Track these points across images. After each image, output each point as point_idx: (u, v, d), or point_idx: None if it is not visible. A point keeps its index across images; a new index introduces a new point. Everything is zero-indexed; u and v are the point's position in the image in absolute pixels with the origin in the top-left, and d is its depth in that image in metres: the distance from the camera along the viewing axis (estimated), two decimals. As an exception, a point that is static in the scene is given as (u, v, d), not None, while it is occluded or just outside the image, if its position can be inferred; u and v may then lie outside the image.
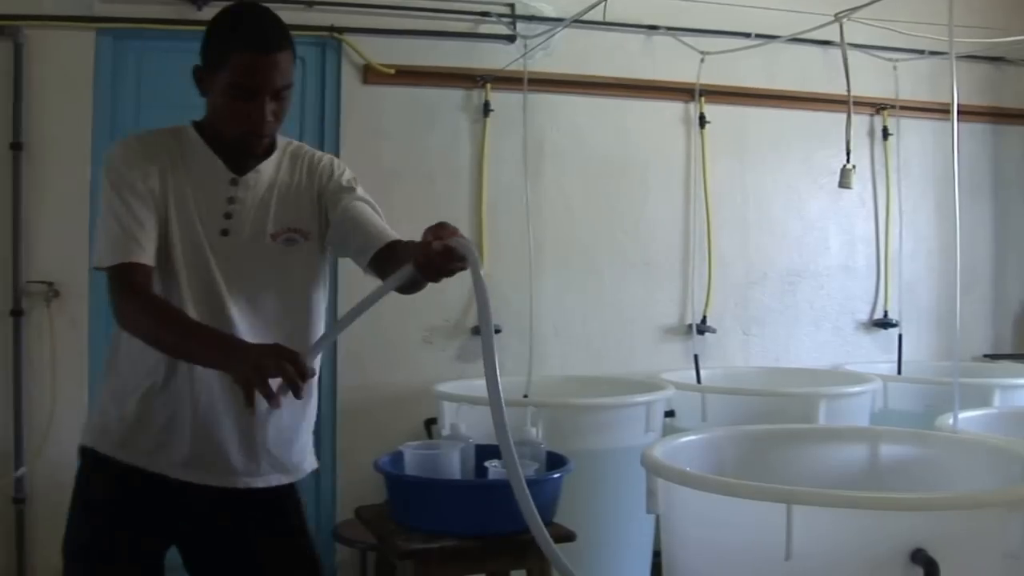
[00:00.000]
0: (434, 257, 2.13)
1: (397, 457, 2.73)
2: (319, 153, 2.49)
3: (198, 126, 2.33)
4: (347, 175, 2.46)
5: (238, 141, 2.28)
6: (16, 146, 4.44)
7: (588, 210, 5.15)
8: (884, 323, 5.53)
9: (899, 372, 5.20)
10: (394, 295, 2.30)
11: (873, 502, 2.27)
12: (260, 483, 2.32)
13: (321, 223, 2.41)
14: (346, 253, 2.47)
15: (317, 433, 4.78)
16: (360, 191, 2.45)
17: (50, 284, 4.47)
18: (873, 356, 5.48)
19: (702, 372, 5.06)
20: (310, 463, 2.49)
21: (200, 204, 2.28)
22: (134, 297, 2.16)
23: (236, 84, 2.19)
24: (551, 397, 4.27)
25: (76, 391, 4.50)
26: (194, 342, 2.13)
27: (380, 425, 4.74)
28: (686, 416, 4.45)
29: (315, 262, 2.45)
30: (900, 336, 5.39)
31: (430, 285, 2.25)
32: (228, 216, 2.29)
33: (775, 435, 3.21)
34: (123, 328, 2.20)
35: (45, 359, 4.47)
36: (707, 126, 5.25)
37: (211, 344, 2.12)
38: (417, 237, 2.18)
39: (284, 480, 2.35)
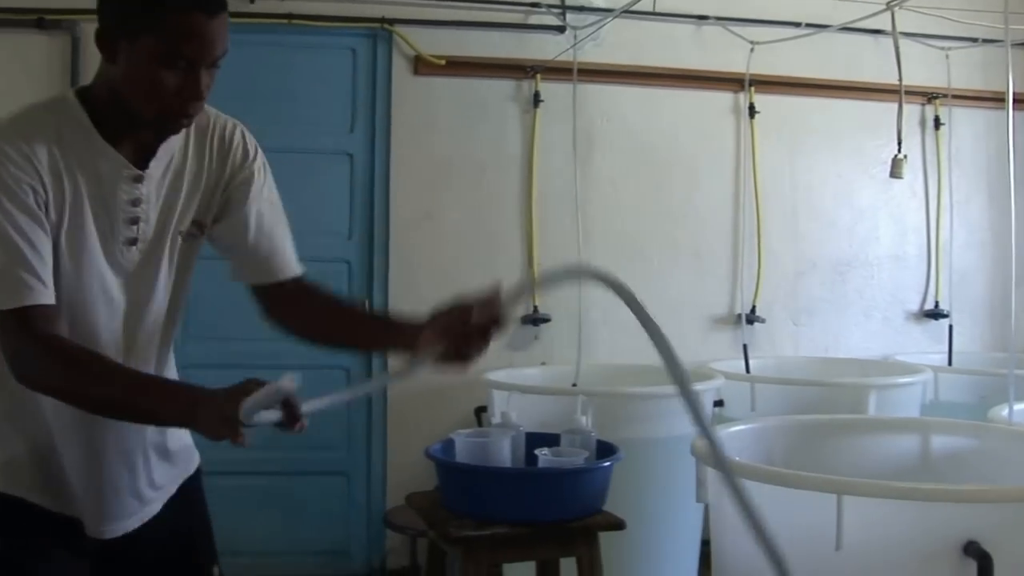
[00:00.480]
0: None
1: (448, 444, 2.76)
2: (226, 122, 2.02)
3: (84, 102, 1.82)
4: (260, 158, 2.05)
5: (159, 122, 1.81)
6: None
7: (637, 200, 5.15)
8: (935, 314, 5.48)
9: (950, 363, 5.15)
10: (452, 279, 2.25)
11: (925, 493, 2.25)
12: None
13: (215, 212, 2.00)
14: (227, 256, 2.09)
15: (368, 421, 4.87)
16: (270, 181, 2.08)
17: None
18: (923, 347, 5.43)
19: (751, 362, 5.05)
20: None
21: (100, 215, 1.82)
22: (44, 349, 1.71)
23: (172, 52, 1.72)
24: (600, 386, 4.28)
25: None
26: (139, 397, 1.73)
27: (430, 413, 4.78)
28: (735, 406, 4.45)
29: (195, 257, 2.03)
30: (951, 327, 5.34)
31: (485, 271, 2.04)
32: (134, 222, 1.86)
33: (825, 425, 3.20)
34: (28, 386, 1.74)
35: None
36: (757, 116, 5.23)
37: (163, 398, 1.75)
38: (466, 228, 2.04)
39: None
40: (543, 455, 2.60)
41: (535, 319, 4.96)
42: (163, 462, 2.02)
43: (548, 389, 4.12)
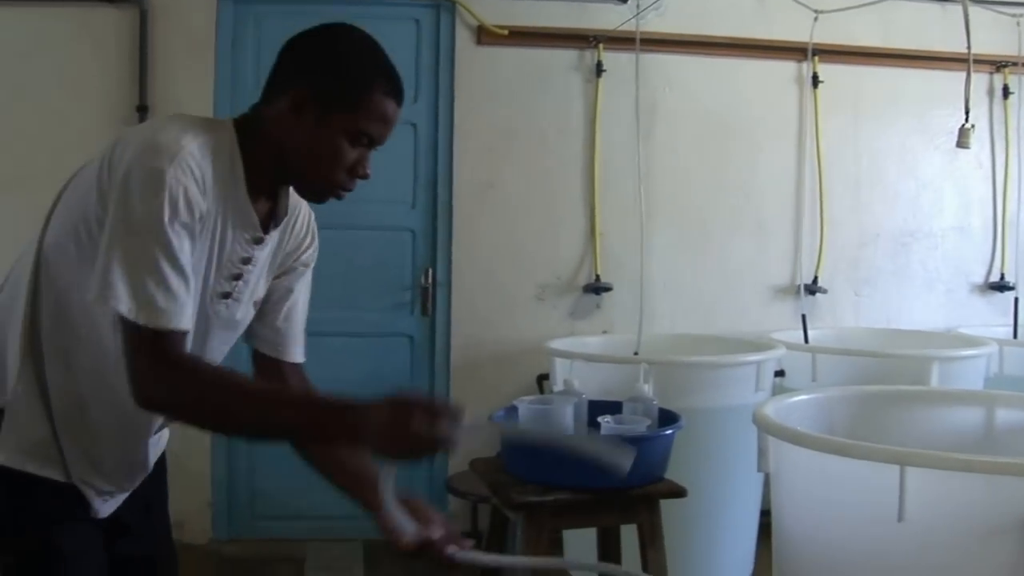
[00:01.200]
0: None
1: (511, 411, 2.79)
2: (304, 206, 2.07)
3: (242, 143, 1.83)
4: (316, 245, 2.14)
5: (319, 189, 1.88)
6: (141, 108, 4.62)
7: (700, 170, 5.14)
8: (1000, 286, 5.42)
9: (1015, 336, 5.11)
10: (514, 248, 2.28)
11: (989, 466, 2.24)
12: None
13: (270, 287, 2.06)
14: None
15: (431, 389, 4.92)
16: (309, 273, 2.16)
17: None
18: (988, 320, 5.38)
19: (812, 333, 5.04)
20: None
21: (212, 261, 1.83)
22: (189, 372, 1.71)
23: (362, 131, 1.81)
24: (661, 355, 4.29)
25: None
26: (291, 416, 1.72)
27: (492, 381, 4.83)
28: (796, 376, 4.45)
29: None
30: (1016, 300, 5.29)
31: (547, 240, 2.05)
32: (237, 278, 1.90)
33: (888, 396, 3.20)
34: (163, 407, 1.75)
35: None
36: (820, 86, 5.20)
37: (321, 416, 1.73)
38: (528, 198, 2.04)
39: None
40: (606, 423, 2.62)
41: (597, 288, 4.98)
42: (159, 438, 2.06)
43: (610, 357, 4.14)
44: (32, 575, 1.82)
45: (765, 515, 4.20)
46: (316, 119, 1.79)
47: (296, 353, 2.14)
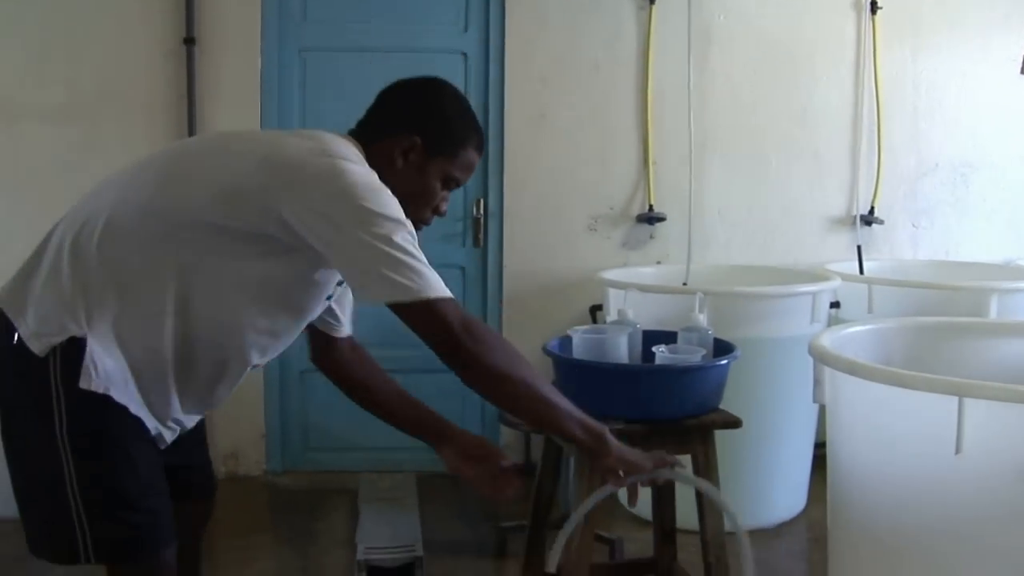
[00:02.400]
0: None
1: (565, 341, 2.78)
2: None
3: None
4: None
5: (410, 222, 2.12)
6: (189, 41, 4.63)
7: (755, 97, 5.07)
8: (1062, 217, 5.32)
9: (1077, 268, 5.02)
10: (566, 179, 2.34)
11: (1049, 398, 2.22)
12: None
13: None
14: None
15: (483, 318, 4.93)
16: None
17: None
18: (1049, 251, 5.29)
19: (868, 265, 4.99)
20: None
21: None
22: (491, 332, 2.10)
23: (453, 176, 2.22)
24: (715, 285, 4.26)
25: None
26: (560, 405, 2.15)
27: (544, 312, 4.83)
28: (851, 308, 4.41)
29: None
30: (1078, 231, 5.20)
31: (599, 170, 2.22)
32: (340, 283, 2.27)
33: (945, 328, 3.15)
34: (490, 366, 2.04)
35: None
36: (879, 12, 5.08)
37: (577, 420, 2.18)
38: (580, 128, 2.17)
39: None
40: (660, 352, 2.61)
41: (650, 218, 4.95)
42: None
43: (664, 288, 4.12)
44: (109, 477, 2.03)
45: (819, 447, 4.19)
46: (419, 164, 2.16)
47: (347, 326, 2.47)
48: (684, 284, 4.53)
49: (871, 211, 5.17)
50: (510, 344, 2.11)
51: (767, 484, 4.26)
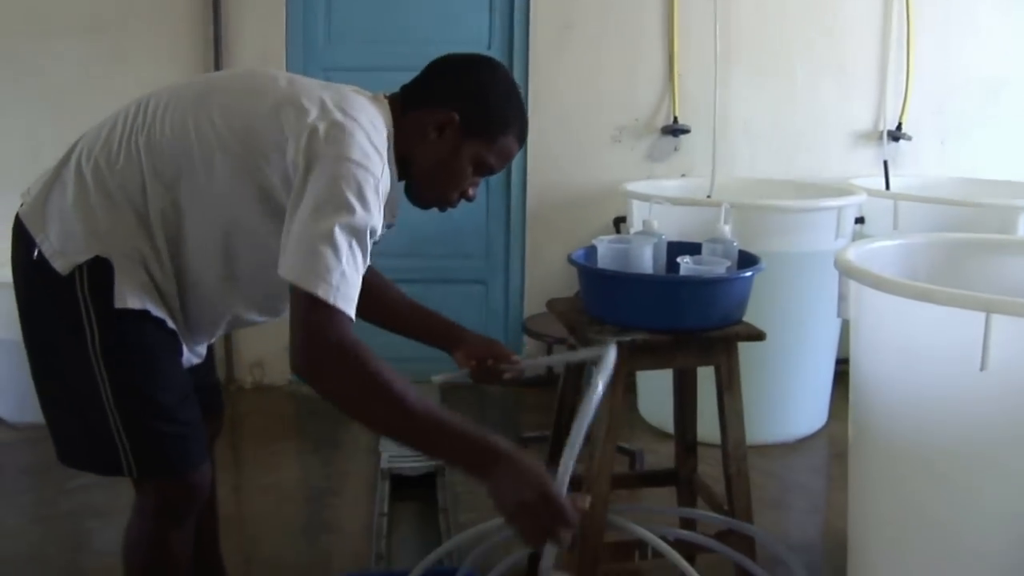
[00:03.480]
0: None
1: (590, 251, 2.77)
2: None
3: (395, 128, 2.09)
4: None
5: (429, 197, 2.18)
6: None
7: (782, 9, 5.00)
8: (1095, 136, 5.24)
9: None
10: (591, 90, 2.30)
11: (1077, 315, 2.19)
12: None
13: None
14: None
15: (506, 231, 4.93)
16: None
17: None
18: (1081, 170, 5.21)
19: (894, 181, 4.94)
20: None
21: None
22: (361, 363, 1.82)
23: (488, 163, 2.14)
24: (739, 198, 4.23)
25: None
26: (437, 439, 1.87)
27: (568, 223, 4.83)
28: (876, 224, 4.38)
29: None
30: (1111, 149, 5.12)
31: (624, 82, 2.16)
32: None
33: (972, 245, 3.12)
34: (329, 390, 1.86)
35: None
36: (912, -80, 4.98)
37: (462, 444, 1.87)
38: (606, 37, 2.12)
39: None
40: (685, 263, 2.59)
41: (675, 130, 4.90)
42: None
43: (689, 200, 4.10)
44: (145, 387, 2.07)
45: (841, 364, 4.19)
46: (453, 142, 2.08)
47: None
48: (708, 196, 4.50)
49: (898, 127, 5.12)
50: (380, 377, 1.83)
51: (789, 399, 4.27)
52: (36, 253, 2.05)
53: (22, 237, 2.10)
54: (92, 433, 2.08)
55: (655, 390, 4.30)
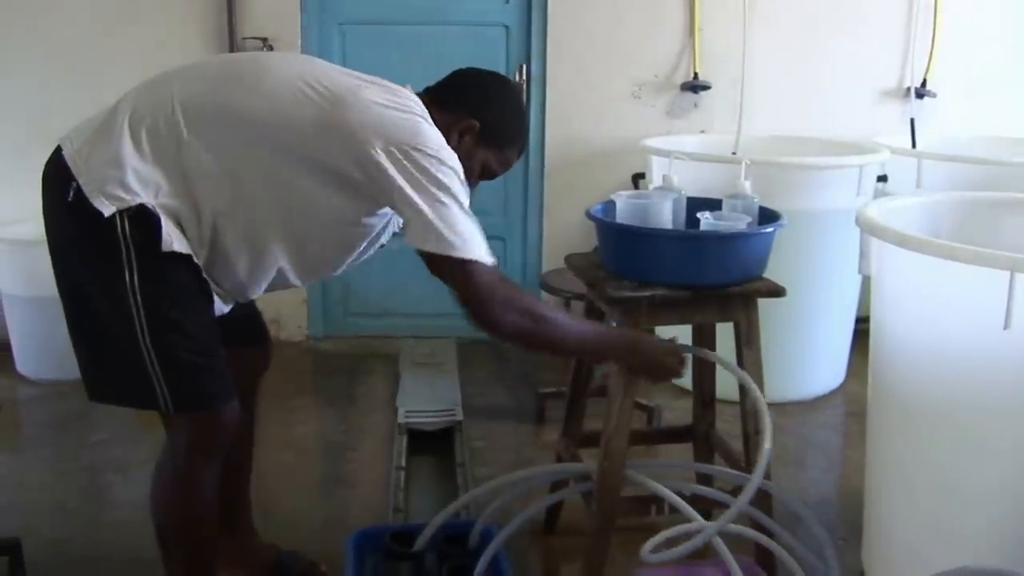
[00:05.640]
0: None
1: (609, 205, 2.75)
2: None
3: None
4: None
5: None
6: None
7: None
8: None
9: None
10: (611, 44, 2.28)
11: (1103, 275, 2.17)
12: None
13: None
14: None
15: (524, 187, 4.91)
16: None
17: (264, 40, 4.61)
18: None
19: (919, 139, 4.88)
20: None
21: None
22: (529, 305, 2.25)
23: (491, 169, 2.41)
24: (760, 155, 4.19)
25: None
26: (583, 339, 2.39)
27: (586, 179, 4.80)
28: (899, 182, 4.33)
29: None
30: None
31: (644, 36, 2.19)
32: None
33: (996, 203, 3.08)
34: (513, 325, 2.22)
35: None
36: None
37: (617, 345, 2.45)
38: None
39: None
40: (705, 219, 2.57)
41: (695, 86, 4.86)
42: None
43: (710, 156, 4.05)
44: (182, 325, 2.17)
45: (860, 323, 4.17)
46: (469, 147, 2.33)
47: None
48: (733, 153, 4.46)
49: (923, 84, 5.05)
50: (531, 301, 2.27)
51: (807, 357, 4.26)
52: (73, 192, 2.11)
53: (61, 179, 2.15)
54: (128, 368, 2.16)
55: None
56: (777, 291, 2.57)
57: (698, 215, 2.61)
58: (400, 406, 3.97)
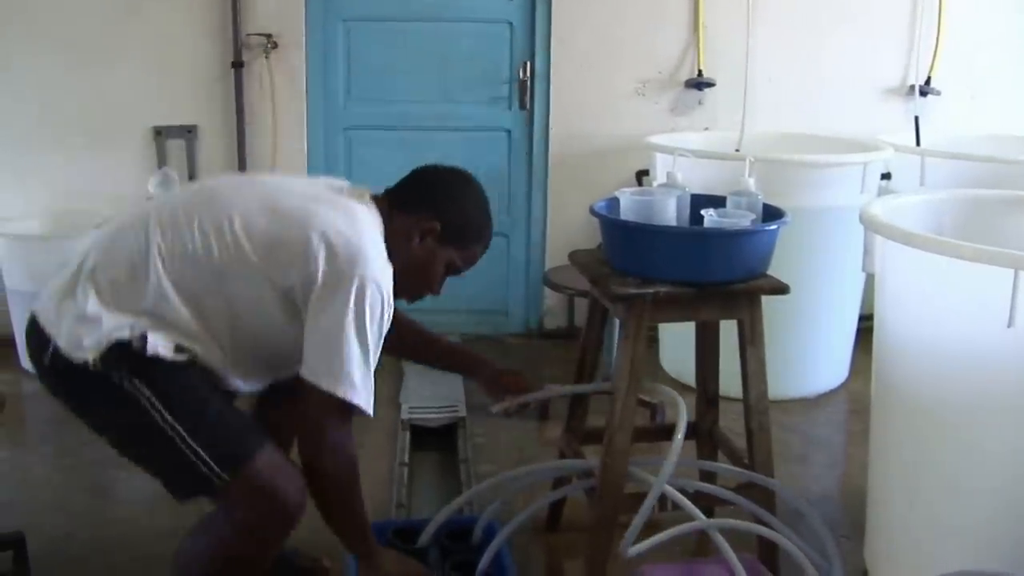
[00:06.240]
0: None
1: (613, 202, 2.75)
2: None
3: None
4: None
5: (406, 294, 2.42)
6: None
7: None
8: None
9: None
10: (615, 41, 2.27)
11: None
12: None
13: None
14: None
15: (528, 183, 4.91)
16: None
17: (268, 36, 4.61)
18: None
19: (924, 136, 4.88)
20: None
21: None
22: (351, 450, 2.26)
23: (456, 267, 2.43)
24: (764, 152, 4.19)
25: (296, 138, 4.69)
26: (357, 521, 2.33)
27: (590, 176, 4.80)
28: (903, 180, 4.33)
29: None
30: None
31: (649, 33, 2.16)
32: None
33: (1001, 201, 3.08)
34: (327, 463, 2.21)
35: (266, 108, 4.66)
36: None
37: (364, 536, 2.38)
38: None
39: None
40: (709, 215, 2.57)
41: (699, 83, 4.85)
42: None
43: (713, 153, 4.05)
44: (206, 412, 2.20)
45: (863, 320, 4.17)
46: (432, 248, 2.36)
47: None
48: (737, 150, 4.46)
49: (927, 81, 5.04)
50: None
51: (810, 354, 4.26)
52: (51, 353, 2.18)
53: (41, 343, 2.21)
54: (173, 459, 2.16)
55: (677, 343, 4.30)
56: (781, 288, 2.58)
57: (702, 212, 2.61)
58: (403, 402, 3.97)
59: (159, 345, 2.14)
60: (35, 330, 2.24)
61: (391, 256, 2.25)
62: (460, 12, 4.82)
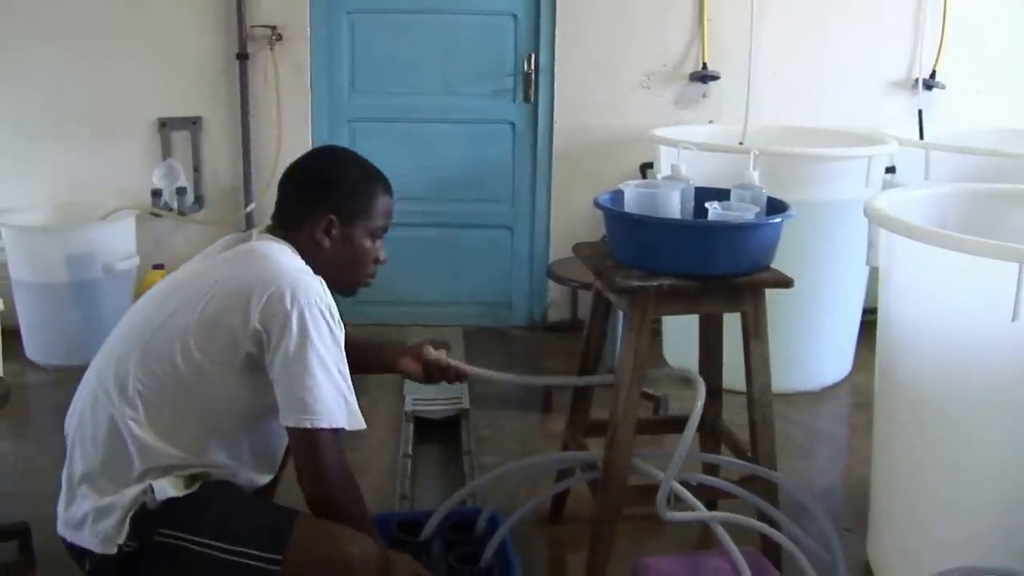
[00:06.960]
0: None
1: (617, 195, 2.75)
2: None
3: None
4: None
5: (354, 287, 2.42)
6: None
7: (816, -48, 4.91)
8: None
9: None
10: (620, 34, 2.25)
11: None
12: None
13: None
14: None
15: (532, 176, 4.91)
16: None
17: (273, 28, 4.61)
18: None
19: (928, 130, 4.87)
20: None
21: None
22: (347, 469, 2.22)
23: (378, 229, 2.36)
24: (770, 146, 4.18)
25: (300, 130, 4.69)
26: (366, 531, 2.23)
27: (594, 168, 4.80)
28: (907, 174, 4.32)
29: None
30: None
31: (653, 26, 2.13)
32: None
33: (1005, 196, 3.08)
34: (330, 491, 2.19)
35: (270, 100, 4.66)
36: None
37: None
38: None
39: None
40: (713, 208, 2.57)
41: (703, 76, 4.85)
42: None
43: (718, 146, 4.04)
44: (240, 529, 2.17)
45: (867, 314, 4.17)
46: (344, 235, 2.31)
47: None
48: (740, 143, 4.46)
49: (932, 75, 5.04)
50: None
51: (814, 347, 4.26)
52: (88, 561, 2.18)
53: (75, 552, 2.22)
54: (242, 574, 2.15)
55: (681, 336, 4.29)
56: (785, 282, 2.57)
57: (706, 205, 2.61)
58: (407, 394, 3.97)
59: (167, 490, 2.13)
60: (70, 548, 2.24)
61: (315, 268, 2.24)
62: (465, 5, 4.82)
